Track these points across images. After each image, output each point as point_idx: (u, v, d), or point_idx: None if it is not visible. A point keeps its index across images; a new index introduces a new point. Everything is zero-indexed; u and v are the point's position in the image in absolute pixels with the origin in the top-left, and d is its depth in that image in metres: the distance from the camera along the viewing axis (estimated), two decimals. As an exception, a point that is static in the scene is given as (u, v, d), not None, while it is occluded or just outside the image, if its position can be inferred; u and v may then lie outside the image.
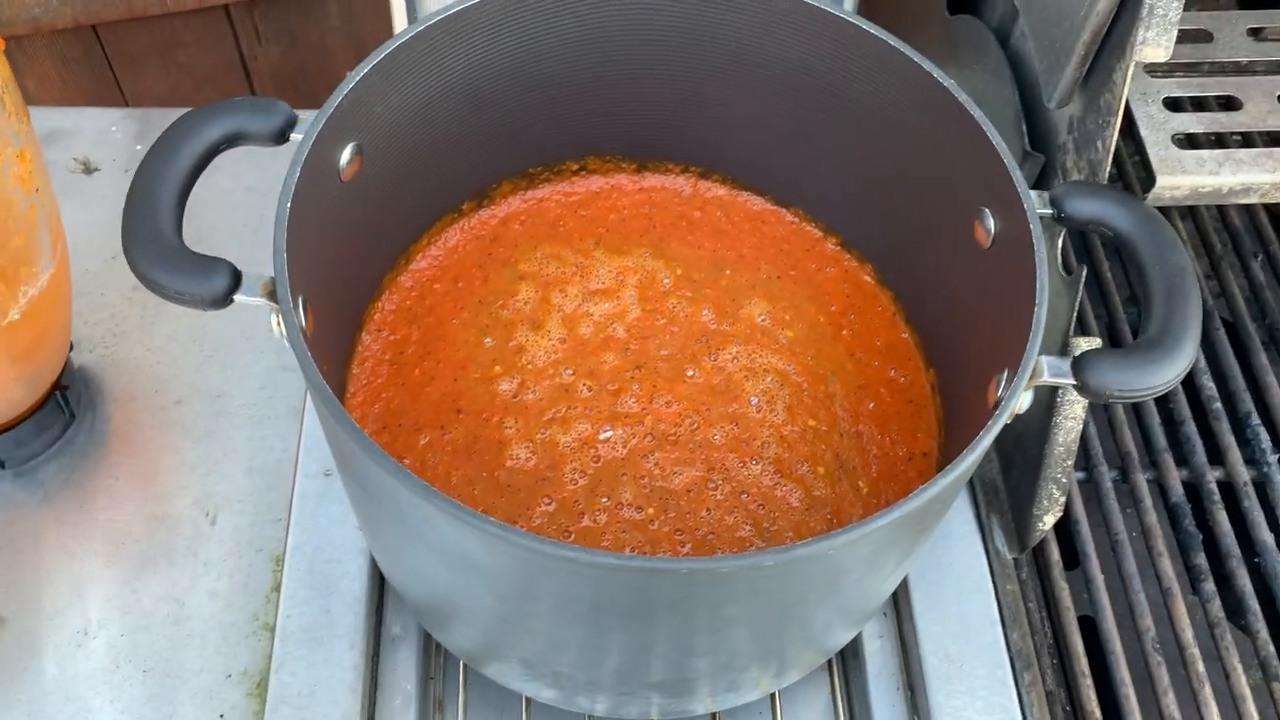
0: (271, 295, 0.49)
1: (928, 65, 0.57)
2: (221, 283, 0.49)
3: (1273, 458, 0.73)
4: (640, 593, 0.45)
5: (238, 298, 0.49)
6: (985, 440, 0.46)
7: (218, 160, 0.53)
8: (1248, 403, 0.75)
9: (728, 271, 0.69)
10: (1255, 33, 0.60)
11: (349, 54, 1.13)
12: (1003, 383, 0.51)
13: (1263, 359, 0.77)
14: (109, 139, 0.86)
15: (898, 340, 0.67)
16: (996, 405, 0.50)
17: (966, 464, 0.46)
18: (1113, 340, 0.76)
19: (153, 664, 0.64)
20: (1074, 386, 0.49)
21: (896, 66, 0.58)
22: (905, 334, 0.67)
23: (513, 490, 0.60)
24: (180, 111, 0.54)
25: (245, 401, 0.75)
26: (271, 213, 0.51)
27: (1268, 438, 0.74)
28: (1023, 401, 0.50)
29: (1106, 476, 0.72)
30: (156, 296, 0.49)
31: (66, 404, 0.70)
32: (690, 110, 0.68)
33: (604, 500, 0.60)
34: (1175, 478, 0.72)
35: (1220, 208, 0.84)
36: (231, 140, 0.53)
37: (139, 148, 0.86)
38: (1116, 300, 0.78)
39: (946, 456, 0.62)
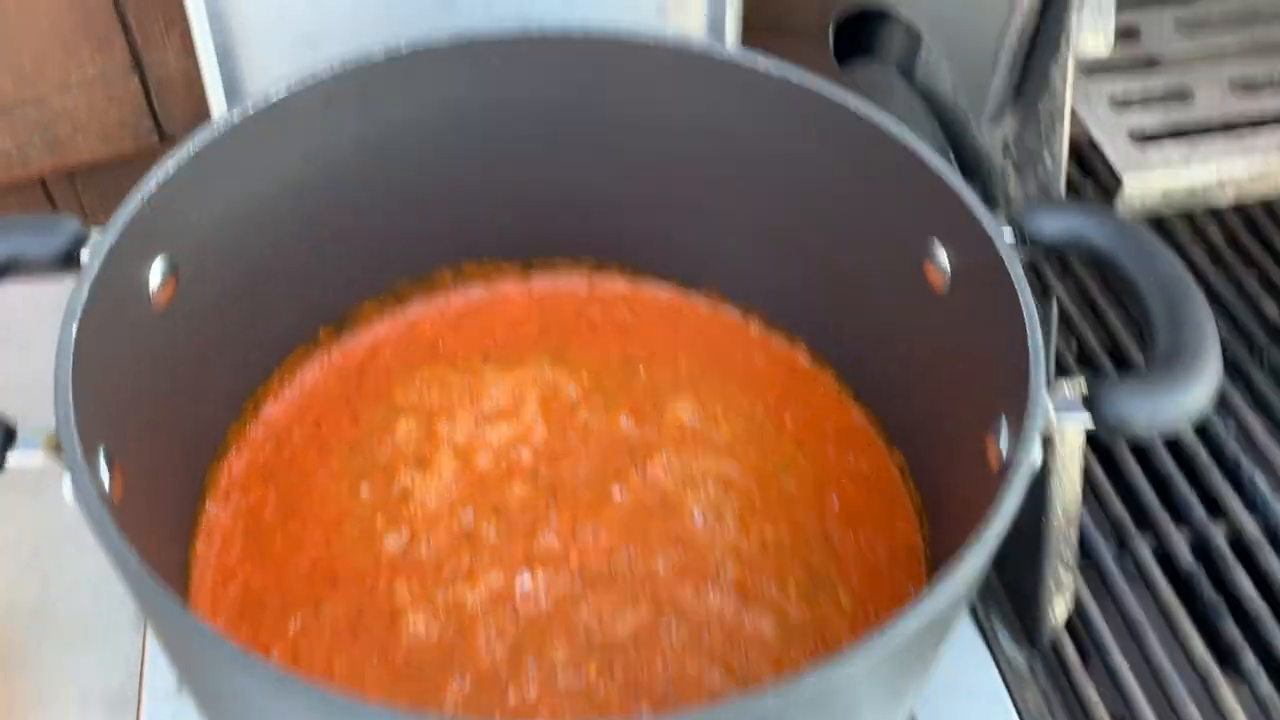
0: (56, 449, 0.37)
1: (837, 94, 0.49)
2: (-17, 442, 0.36)
3: (1277, 504, 0.65)
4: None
5: (10, 458, 0.37)
6: (1007, 506, 0.36)
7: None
8: (1234, 450, 0.67)
9: (642, 371, 0.59)
10: (1183, 24, 0.54)
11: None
12: (1002, 437, 0.42)
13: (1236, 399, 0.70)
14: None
15: (849, 423, 0.57)
16: (1005, 466, 0.40)
17: (986, 545, 0.35)
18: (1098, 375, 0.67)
19: None
20: (1091, 427, 0.40)
21: (797, 101, 0.50)
22: (858, 415, 0.58)
23: (414, 671, 0.48)
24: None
25: (74, 616, 0.60)
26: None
27: (1265, 483, 0.66)
28: (1036, 455, 0.40)
29: (1106, 551, 0.62)
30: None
31: None
32: (575, 194, 0.59)
33: (531, 666, 0.48)
34: (1180, 541, 0.63)
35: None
36: (2, 272, 0.41)
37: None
38: (1085, 327, 0.70)
39: (938, 549, 0.52)
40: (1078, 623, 0.60)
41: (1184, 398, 0.39)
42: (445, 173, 0.56)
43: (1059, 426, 0.40)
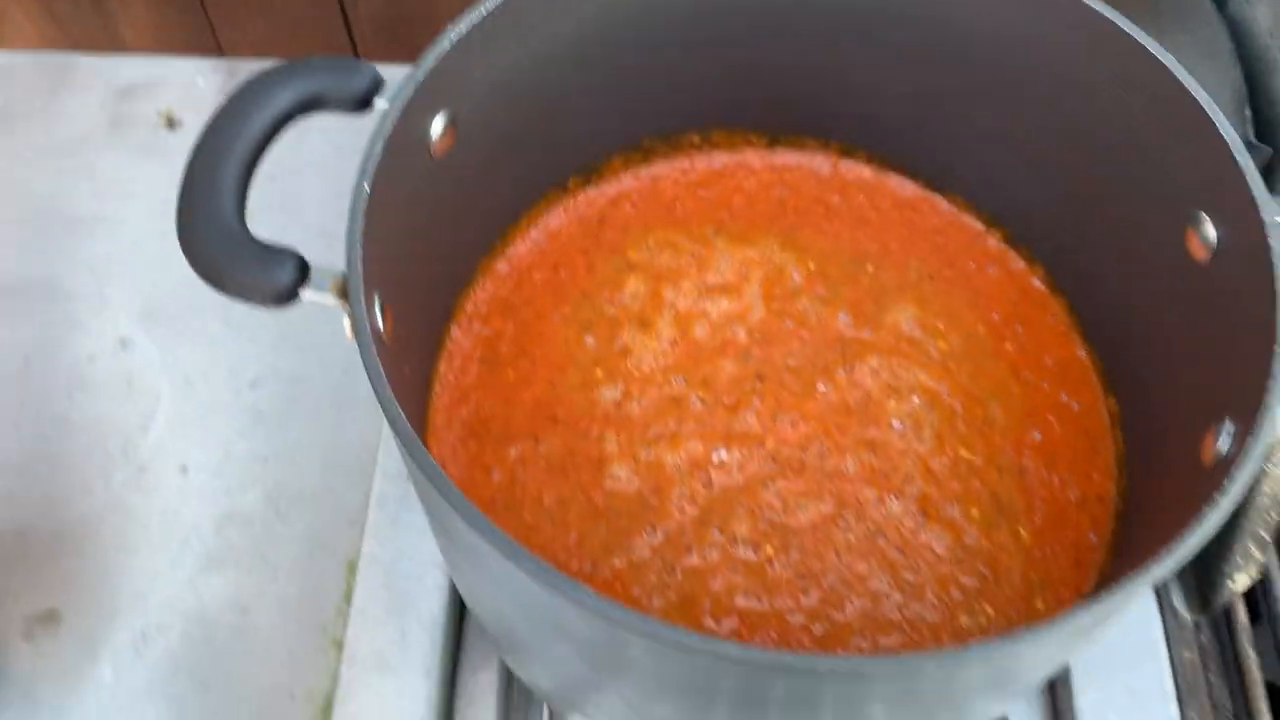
0: (344, 294, 0.41)
1: (1137, 33, 0.46)
2: (286, 277, 0.41)
3: None
4: (757, 683, 0.37)
5: (305, 295, 0.42)
6: (1212, 518, 0.37)
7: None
8: None
9: (870, 268, 0.60)
10: None
11: (454, 2, 1.06)
12: (1223, 438, 0.41)
13: None
14: (194, 92, 0.81)
15: (1072, 358, 0.57)
16: (1218, 468, 0.40)
17: (1186, 548, 0.36)
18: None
19: (212, 677, 0.59)
20: (1325, 451, 0.39)
21: (1093, 31, 0.48)
22: (1081, 352, 0.57)
23: (611, 516, 0.53)
24: (267, 63, 0.46)
25: (326, 386, 0.69)
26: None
27: None
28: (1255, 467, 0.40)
29: (1309, 527, 0.61)
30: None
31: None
32: (832, 77, 0.58)
33: (715, 534, 0.52)
34: (1392, 532, 0.61)
35: None
36: (306, 107, 0.45)
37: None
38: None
39: (1129, 504, 0.52)
40: (1257, 589, 0.60)
41: None
42: (708, 43, 0.56)
43: (1287, 442, 0.39)
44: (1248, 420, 0.39)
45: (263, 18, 1.04)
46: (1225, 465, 0.39)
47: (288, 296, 0.42)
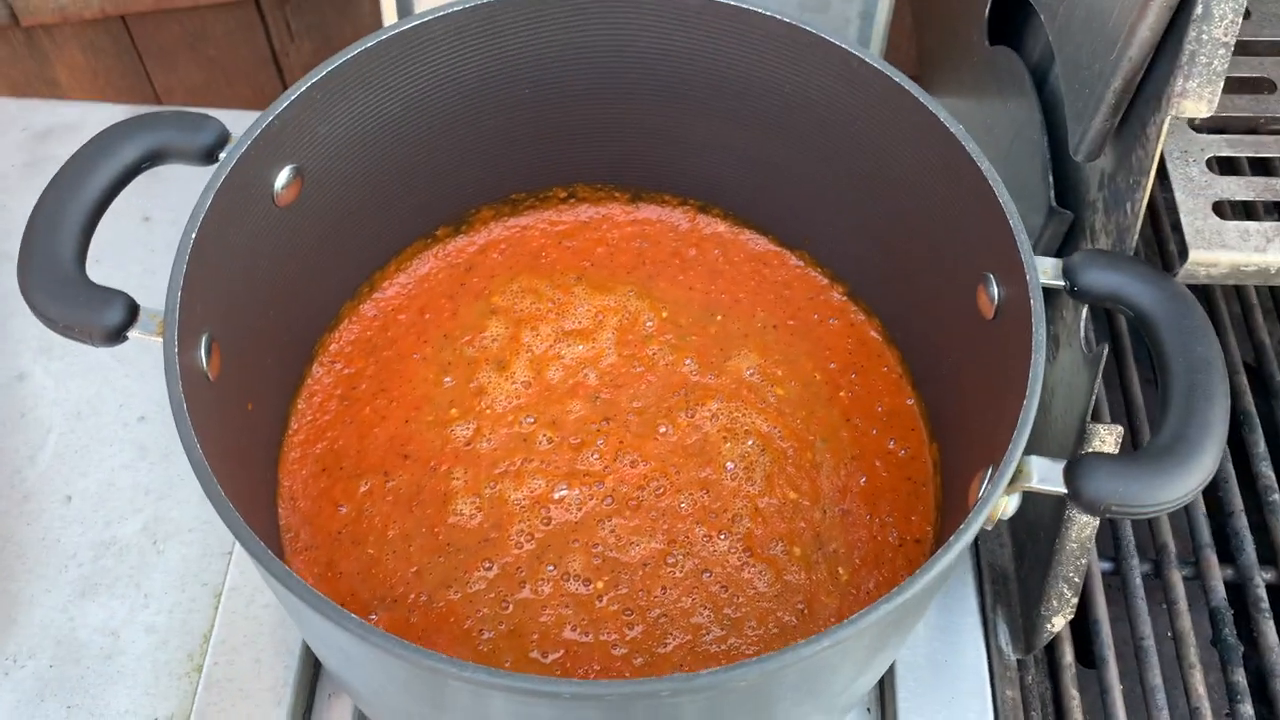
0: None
1: (934, 107, 0.50)
2: (114, 318, 0.44)
3: (1336, 562, 0.64)
4: (571, 713, 0.40)
5: (132, 335, 0.45)
6: (945, 558, 0.40)
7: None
8: (1312, 497, 0.66)
9: (719, 317, 0.63)
10: (1330, 83, 0.51)
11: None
12: (984, 483, 0.44)
13: (1334, 446, 0.67)
14: (108, 136, 0.84)
15: (901, 406, 0.60)
16: (972, 512, 0.43)
17: (917, 588, 0.39)
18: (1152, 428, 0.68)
19: (78, 700, 0.61)
20: (1065, 496, 0.42)
21: (902, 107, 0.51)
22: (910, 400, 0.60)
23: (452, 550, 0.55)
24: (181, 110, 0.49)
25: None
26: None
27: (1332, 539, 0.65)
28: (1005, 506, 0.43)
29: (1136, 570, 0.63)
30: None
31: None
32: (688, 139, 0.62)
33: (550, 569, 0.55)
34: (1218, 577, 0.64)
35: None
36: (153, 159, 0.49)
37: (138, 147, 0.83)
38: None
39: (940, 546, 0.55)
40: (1084, 631, 0.62)
41: (1161, 493, 0.40)
42: (568, 104, 0.60)
43: (1037, 489, 0.42)
44: (997, 467, 0.42)
45: (197, 65, 1.08)
46: (973, 509, 0.42)
47: (115, 336, 0.44)
